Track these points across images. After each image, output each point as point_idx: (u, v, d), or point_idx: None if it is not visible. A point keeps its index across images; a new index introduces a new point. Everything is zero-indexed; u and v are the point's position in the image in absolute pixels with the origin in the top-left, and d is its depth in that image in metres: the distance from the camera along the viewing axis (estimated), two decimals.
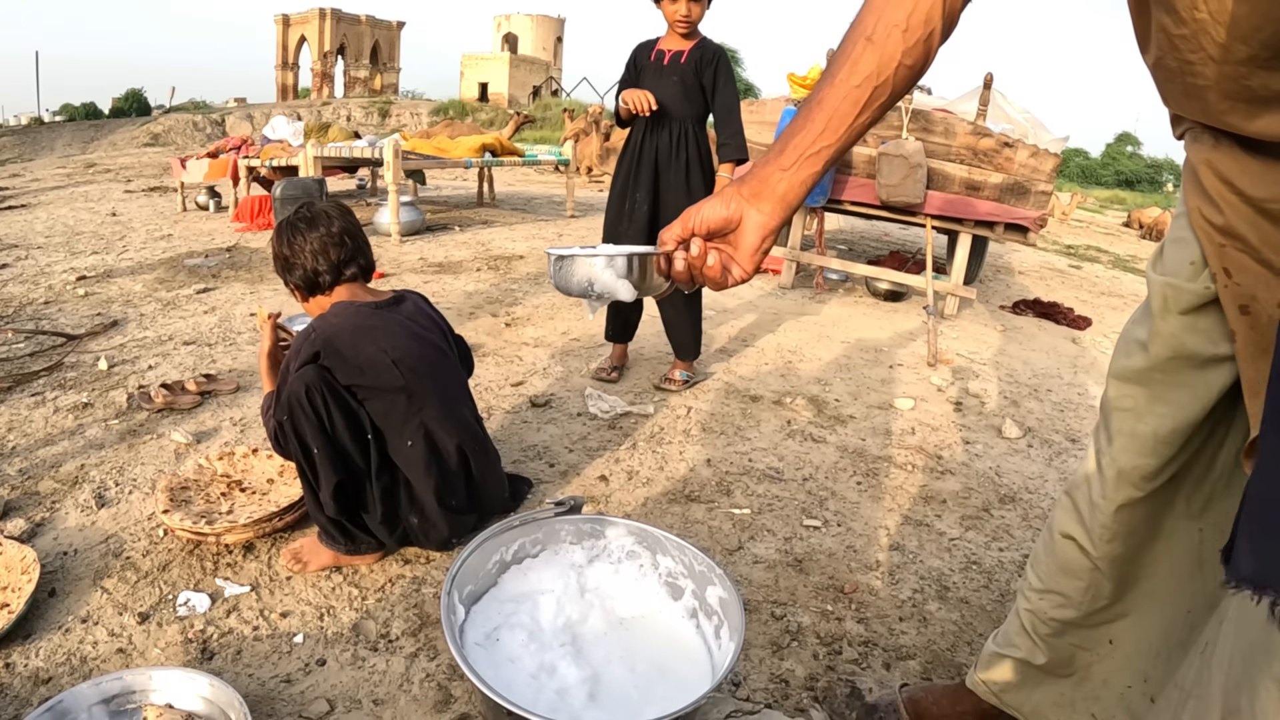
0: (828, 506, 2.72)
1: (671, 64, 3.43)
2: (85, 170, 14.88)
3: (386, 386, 2.07)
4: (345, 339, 2.05)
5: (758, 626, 2.05)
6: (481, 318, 4.74)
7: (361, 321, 2.10)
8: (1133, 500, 1.25)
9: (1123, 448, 1.25)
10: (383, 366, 2.05)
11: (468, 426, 2.26)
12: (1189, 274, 1.12)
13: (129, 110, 39.92)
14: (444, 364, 2.26)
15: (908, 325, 5.31)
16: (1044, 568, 1.43)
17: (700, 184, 3.48)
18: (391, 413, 2.10)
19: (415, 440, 2.12)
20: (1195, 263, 1.11)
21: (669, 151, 3.46)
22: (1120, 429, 1.26)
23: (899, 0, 0.94)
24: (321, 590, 2.12)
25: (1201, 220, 1.07)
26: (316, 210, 2.22)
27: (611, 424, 3.29)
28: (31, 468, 2.70)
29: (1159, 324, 1.18)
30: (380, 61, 46.01)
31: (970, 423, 3.63)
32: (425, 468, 2.13)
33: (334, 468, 2.04)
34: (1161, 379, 1.19)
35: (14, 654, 1.83)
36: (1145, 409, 1.22)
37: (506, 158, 8.38)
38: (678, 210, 3.31)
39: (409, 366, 2.09)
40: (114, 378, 3.54)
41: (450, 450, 2.18)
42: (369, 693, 1.77)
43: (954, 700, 1.61)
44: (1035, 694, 1.46)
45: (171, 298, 4.97)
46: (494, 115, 31.98)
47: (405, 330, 2.17)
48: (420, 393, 2.11)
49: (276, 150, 8.08)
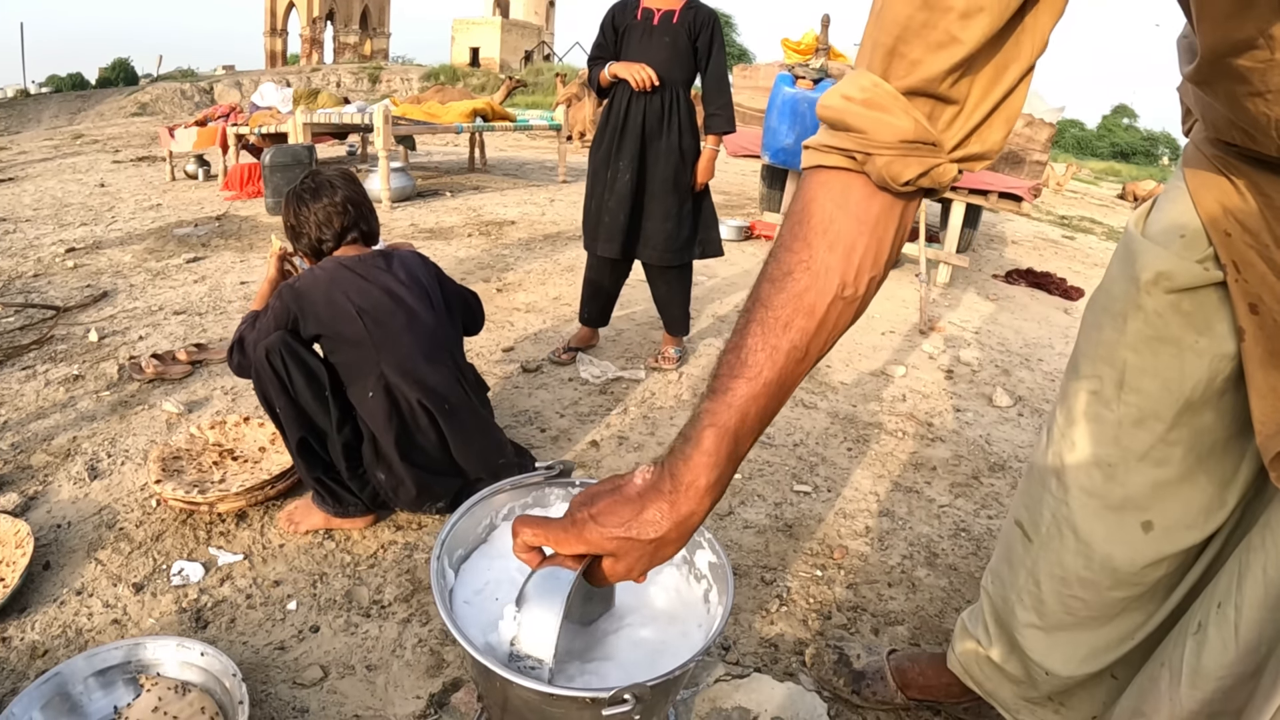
0: (818, 472, 2.73)
1: (662, 24, 3.21)
2: (73, 141, 14.71)
3: (351, 336, 2.13)
4: (319, 290, 2.13)
5: (747, 591, 2.07)
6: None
7: (338, 274, 2.18)
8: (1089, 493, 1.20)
9: (1085, 434, 1.20)
10: (348, 316, 2.13)
11: (430, 386, 2.21)
12: (1181, 248, 1.06)
13: (116, 80, 39.40)
14: (414, 322, 2.24)
15: (900, 293, 5.31)
16: (997, 552, 1.43)
17: (692, 152, 3.29)
18: (355, 363, 2.16)
19: (376, 391, 2.15)
20: (1187, 236, 1.05)
21: (659, 119, 3.23)
22: (1084, 413, 1.20)
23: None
24: (314, 557, 2.13)
25: (1211, 204, 1.02)
26: (321, 180, 2.30)
27: (603, 389, 3.30)
28: (23, 441, 2.70)
29: (1144, 298, 1.10)
30: (370, 27, 45.42)
31: (961, 390, 3.64)
32: (386, 420, 2.16)
33: (297, 424, 2.13)
34: (1136, 361, 1.13)
35: (10, 628, 1.84)
36: (1113, 396, 1.16)
37: (498, 123, 8.31)
38: (664, 180, 3.20)
39: (374, 319, 2.14)
40: (104, 349, 3.53)
41: (410, 405, 2.19)
42: (362, 658, 1.79)
43: (939, 671, 1.63)
44: (1002, 688, 1.44)
45: (161, 268, 4.94)
46: (486, 80, 31.66)
47: (380, 285, 2.21)
48: (383, 345, 2.15)
49: (265, 117, 7.99)
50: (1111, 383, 1.15)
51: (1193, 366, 1.07)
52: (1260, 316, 0.97)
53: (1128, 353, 1.12)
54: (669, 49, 3.20)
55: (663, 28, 3.20)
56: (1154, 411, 1.12)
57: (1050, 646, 1.31)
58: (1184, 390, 1.08)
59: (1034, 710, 1.40)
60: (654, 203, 3.27)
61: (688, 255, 3.38)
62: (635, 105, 3.24)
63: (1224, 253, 1.00)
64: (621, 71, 3.16)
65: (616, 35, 3.30)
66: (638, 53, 3.21)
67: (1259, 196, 0.96)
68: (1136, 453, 1.14)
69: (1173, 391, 1.09)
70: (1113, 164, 34.32)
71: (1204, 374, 1.07)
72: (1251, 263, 0.97)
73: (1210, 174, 1.02)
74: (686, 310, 3.60)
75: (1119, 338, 1.13)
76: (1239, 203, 0.98)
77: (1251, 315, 0.98)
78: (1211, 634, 1.08)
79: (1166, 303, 1.08)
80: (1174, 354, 1.08)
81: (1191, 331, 1.06)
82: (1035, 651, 1.32)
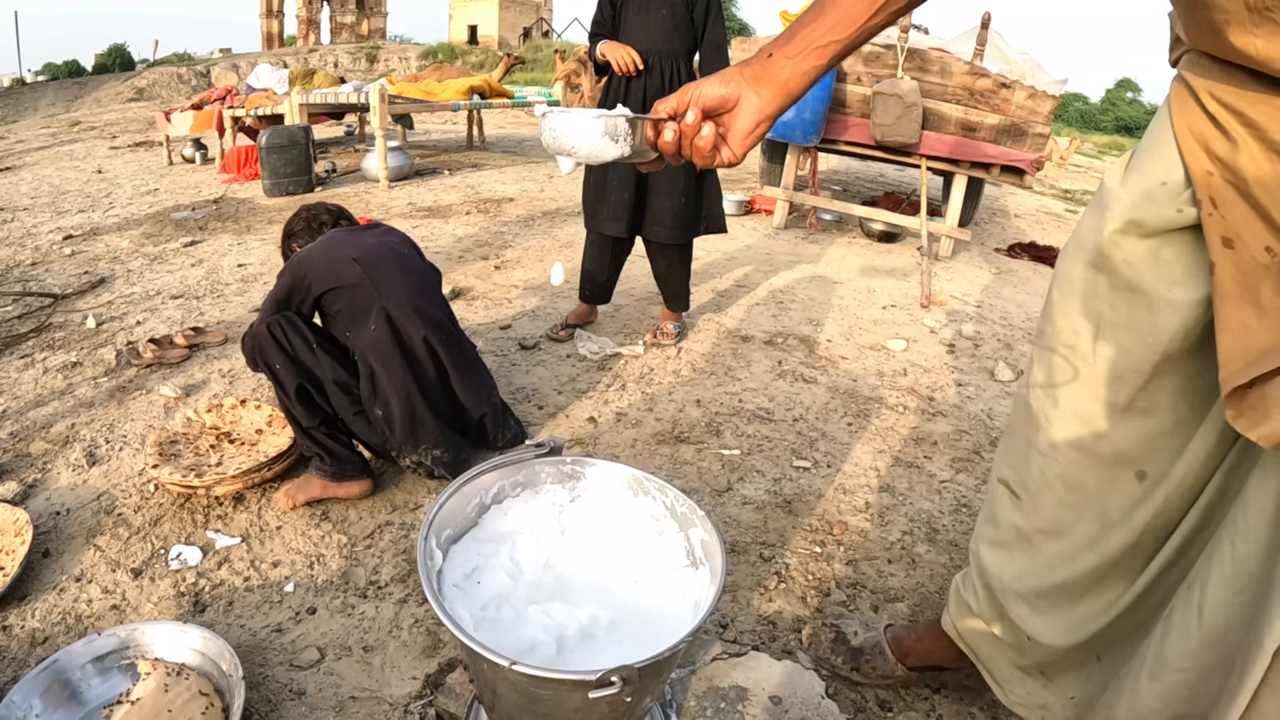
0: (818, 447, 2.72)
1: None
2: (70, 129, 14.64)
3: (350, 280, 2.30)
4: (317, 252, 2.35)
5: (746, 568, 2.07)
6: (471, 261, 4.71)
7: (331, 238, 2.42)
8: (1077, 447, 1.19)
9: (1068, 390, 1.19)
10: (345, 262, 2.31)
11: (435, 320, 2.40)
12: (1163, 196, 1.04)
13: (113, 66, 39.13)
14: (409, 263, 2.47)
15: (902, 266, 5.27)
16: (982, 514, 1.42)
17: None
18: (355, 304, 2.31)
19: (378, 325, 2.28)
20: (1169, 184, 1.03)
21: (660, 93, 3.15)
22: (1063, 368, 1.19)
23: None
24: (311, 539, 2.13)
25: (1194, 143, 1.00)
26: (303, 206, 2.67)
27: (601, 365, 3.29)
28: (22, 429, 2.69)
29: (1113, 249, 1.10)
30: (367, 6, 45.03)
31: (963, 365, 3.62)
32: (388, 350, 2.27)
33: (295, 374, 2.22)
34: (1109, 314, 1.12)
35: (10, 616, 1.85)
36: (1089, 350, 1.15)
37: (496, 100, 8.25)
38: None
39: (369, 263, 2.32)
40: (102, 335, 3.52)
41: (410, 336, 2.32)
42: (359, 640, 1.79)
43: (937, 636, 1.62)
44: (996, 654, 1.44)
45: (158, 252, 4.92)
46: (484, 58, 31.41)
47: (371, 237, 2.46)
48: (380, 283, 2.31)
49: (261, 99, 7.93)
50: (1087, 336, 1.14)
51: (1166, 318, 1.06)
52: (1235, 251, 0.96)
53: (1101, 305, 1.12)
54: (667, 21, 3.16)
55: (659, 0, 3.15)
56: (1131, 365, 1.11)
57: (1033, 612, 1.30)
58: (1159, 342, 1.07)
59: (1024, 681, 1.40)
60: (659, 179, 3.22)
61: (694, 231, 3.35)
62: (636, 81, 3.20)
63: (1202, 190, 0.98)
64: (609, 54, 3.14)
65: (614, 9, 3.25)
66: (636, 26, 3.17)
67: (1239, 120, 0.94)
68: (1120, 405, 1.13)
69: (1149, 344, 1.08)
70: (1116, 138, 34.02)
71: (1178, 324, 1.05)
72: (1231, 200, 0.96)
73: (1193, 107, 1.00)
74: (687, 286, 3.57)
75: (1091, 289, 1.12)
76: (1220, 137, 0.96)
77: (1225, 249, 0.97)
78: (1176, 617, 1.06)
79: (1141, 250, 1.06)
80: (1145, 305, 1.07)
81: (1165, 282, 1.05)
82: (1020, 616, 1.32)
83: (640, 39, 3.16)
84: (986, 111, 5.27)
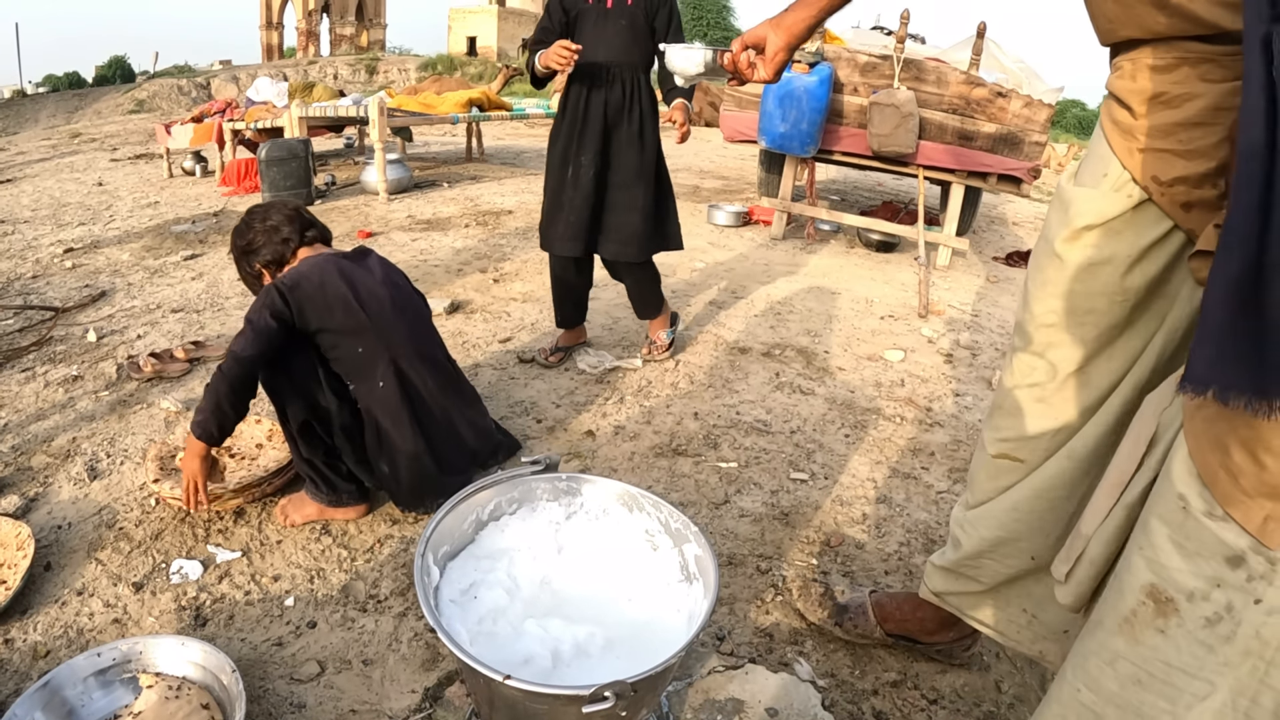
0: (815, 459, 2.74)
1: (617, 7, 3.00)
2: (70, 140, 14.69)
3: (353, 326, 2.12)
4: (313, 280, 2.10)
5: (743, 581, 2.08)
6: (470, 274, 4.73)
7: (327, 267, 2.16)
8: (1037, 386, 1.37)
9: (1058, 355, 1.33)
10: (346, 303, 2.11)
11: (439, 364, 2.34)
12: (1107, 186, 1.20)
13: (113, 77, 39.35)
14: (410, 305, 2.35)
15: (899, 276, 5.29)
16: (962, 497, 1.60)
17: (654, 138, 3.13)
18: (358, 354, 2.14)
19: (386, 380, 2.16)
20: (1110, 176, 1.19)
21: (620, 107, 3.05)
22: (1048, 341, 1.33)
23: None
24: (311, 553, 2.14)
25: (1119, 135, 1.19)
26: (251, 208, 2.38)
27: (599, 378, 3.30)
28: (23, 443, 2.71)
29: (1076, 241, 1.24)
30: (366, 17, 45.27)
31: (960, 374, 3.64)
32: (398, 407, 2.17)
33: (303, 409, 2.13)
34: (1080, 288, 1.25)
35: (12, 629, 1.86)
36: (1068, 322, 1.29)
37: (494, 112, 8.28)
38: (629, 171, 3.09)
39: (374, 307, 2.15)
40: (103, 349, 3.54)
41: (422, 389, 2.23)
42: (358, 653, 1.80)
43: (915, 606, 1.78)
44: (964, 598, 1.60)
45: (159, 265, 4.94)
46: (483, 69, 31.55)
47: (370, 275, 2.25)
48: (385, 330, 2.17)
49: (261, 112, 7.97)
50: (1065, 313, 1.29)
51: (1134, 277, 1.21)
52: (1194, 212, 1.12)
53: (1070, 284, 1.27)
54: (627, 32, 3.02)
55: (618, 10, 3.01)
56: (1109, 323, 1.26)
57: (966, 522, 1.52)
58: (1129, 296, 1.22)
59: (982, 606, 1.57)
60: (618, 194, 3.12)
61: (652, 249, 3.23)
62: (595, 95, 3.05)
63: (1141, 173, 1.15)
64: (548, 62, 2.89)
65: (566, 18, 3.06)
66: (593, 37, 2.99)
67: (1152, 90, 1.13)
68: (1106, 353, 1.29)
69: (1117, 303, 1.23)
70: None
71: (1140, 278, 1.21)
72: (1171, 165, 1.12)
73: (1114, 104, 1.20)
74: (658, 293, 3.43)
75: (1060, 274, 1.28)
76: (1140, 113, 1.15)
77: (1186, 214, 1.13)
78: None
79: (1099, 234, 1.22)
80: (1112, 271, 1.22)
81: (1125, 244, 1.20)
82: (957, 524, 1.55)
83: (599, 50, 2.99)
84: (983, 120, 5.30)
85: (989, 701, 1.75)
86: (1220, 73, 1.07)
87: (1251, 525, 0.86)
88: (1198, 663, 0.91)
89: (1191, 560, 0.91)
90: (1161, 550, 0.94)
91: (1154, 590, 0.94)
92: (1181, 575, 0.92)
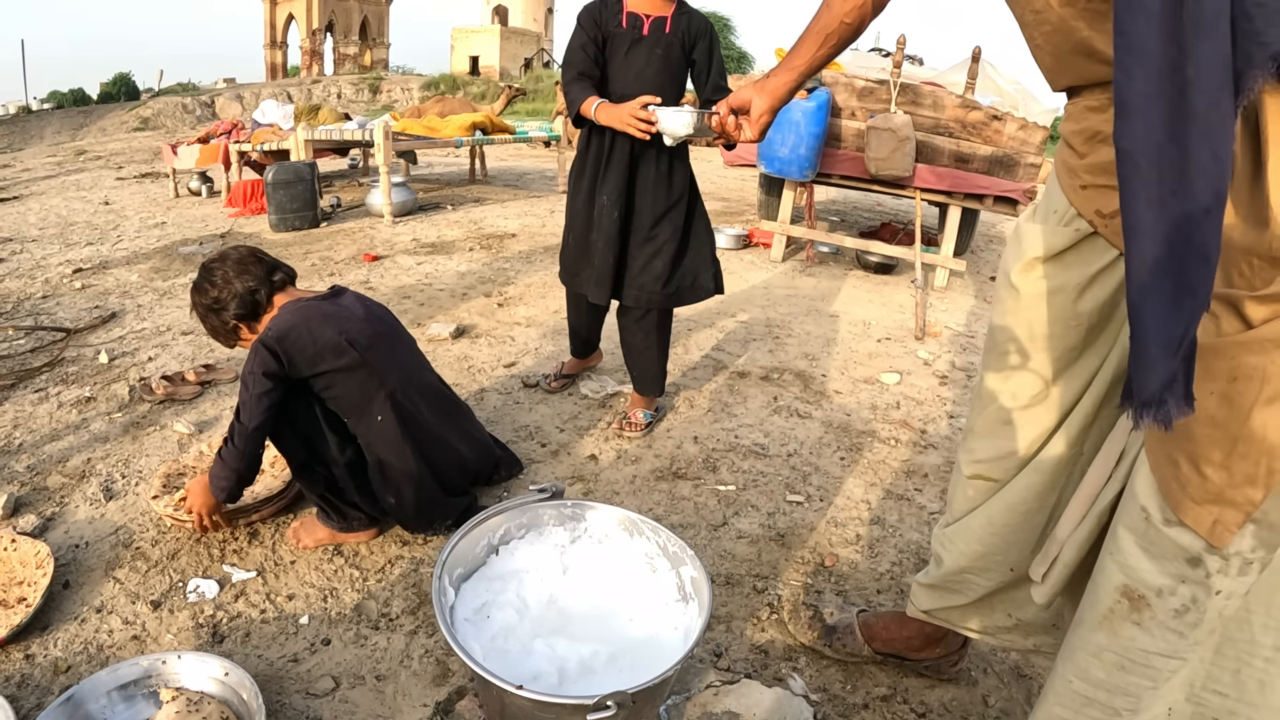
0: (811, 481, 2.81)
1: (653, 33, 2.76)
2: (76, 158, 14.84)
3: (346, 366, 2.15)
4: (299, 328, 2.11)
5: (739, 599, 2.15)
6: (475, 298, 4.81)
7: (310, 313, 2.17)
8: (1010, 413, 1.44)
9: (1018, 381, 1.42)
10: (336, 346, 2.13)
11: (434, 389, 2.41)
12: (1056, 221, 1.31)
13: (117, 95, 39.56)
14: (396, 336, 2.39)
15: (897, 297, 5.38)
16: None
17: (683, 178, 2.90)
18: (356, 393, 2.18)
19: (384, 413, 2.19)
20: (1059, 211, 1.30)
21: (647, 144, 2.75)
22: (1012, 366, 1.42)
23: None
24: (324, 573, 2.21)
25: (1067, 174, 1.29)
26: (208, 261, 2.31)
27: (602, 403, 3.38)
28: (39, 463, 2.78)
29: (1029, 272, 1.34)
30: (370, 37, 45.58)
31: (955, 396, 3.71)
32: (398, 439, 2.21)
33: (299, 451, 2.20)
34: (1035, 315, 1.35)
35: (33, 645, 1.93)
36: (1030, 349, 1.38)
37: (497, 135, 8.40)
38: (656, 213, 2.90)
39: (364, 344, 2.18)
40: (115, 370, 3.62)
41: (421, 417, 2.28)
42: (372, 669, 1.87)
43: (901, 625, 1.86)
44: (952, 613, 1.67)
45: (168, 287, 5.03)
46: (485, 88, 31.74)
47: (352, 314, 2.26)
48: (378, 364, 2.20)
49: (267, 134, 8.08)
50: (1024, 340, 1.38)
51: (1085, 302, 1.29)
52: None
53: (1026, 313, 1.37)
54: (661, 62, 2.78)
55: (654, 38, 2.76)
56: (1066, 347, 1.34)
57: (945, 539, 1.59)
58: (1082, 320, 1.31)
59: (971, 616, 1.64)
60: (641, 238, 2.89)
61: (677, 298, 2.97)
62: (621, 139, 2.78)
63: (1085, 208, 1.25)
64: (618, 125, 2.63)
65: (601, 39, 2.79)
66: (625, 66, 2.77)
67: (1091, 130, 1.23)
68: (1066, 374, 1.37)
69: (1071, 328, 1.32)
70: None
71: (1090, 303, 1.29)
72: (1112, 199, 1.19)
73: (1063, 146, 1.31)
74: (663, 365, 3.14)
75: (1017, 305, 1.38)
76: (1083, 153, 1.25)
77: None
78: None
79: (1052, 265, 1.32)
80: (1064, 299, 1.31)
81: (1075, 273, 1.29)
82: (938, 542, 1.62)
83: (628, 81, 2.77)
84: (979, 143, 5.39)
85: (976, 715, 1.82)
86: None
87: (1202, 529, 0.97)
88: (1171, 647, 1.04)
89: (1157, 562, 1.02)
90: (1130, 555, 1.05)
91: (1127, 589, 1.06)
92: (1150, 575, 1.03)
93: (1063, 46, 1.20)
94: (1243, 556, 0.96)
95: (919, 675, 1.90)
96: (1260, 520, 0.94)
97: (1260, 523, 0.94)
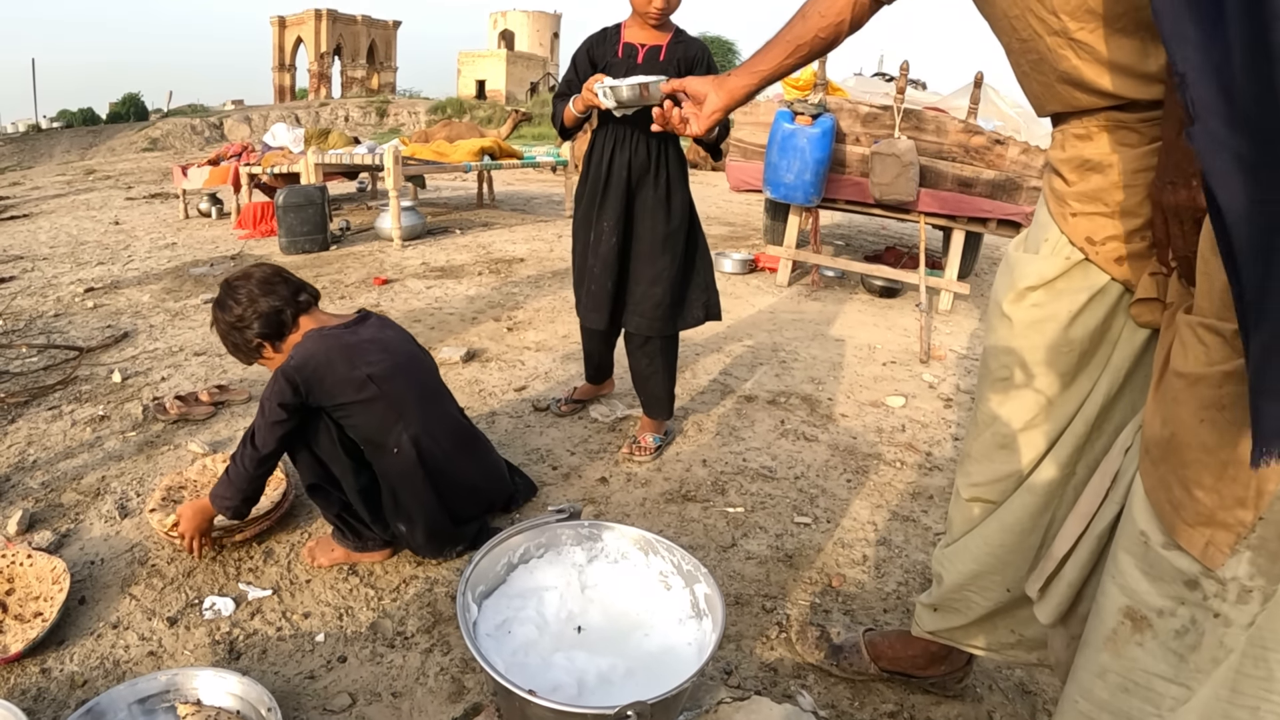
0: (818, 504, 2.84)
1: (648, 61, 2.81)
2: (85, 177, 14.98)
3: (364, 399, 2.16)
4: (319, 362, 2.13)
5: (749, 619, 2.17)
6: (484, 322, 4.85)
7: (331, 343, 2.18)
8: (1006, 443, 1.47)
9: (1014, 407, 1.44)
10: (357, 382, 2.15)
11: (452, 420, 2.42)
12: (1046, 249, 1.34)
13: (126, 115, 39.95)
14: (417, 366, 2.39)
15: (902, 321, 5.41)
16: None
17: (682, 204, 2.92)
18: (374, 425, 2.20)
19: (400, 446, 2.21)
20: (1050, 240, 1.34)
21: (645, 168, 2.84)
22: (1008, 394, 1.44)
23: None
24: (340, 592, 2.24)
25: (1056, 202, 1.32)
26: (231, 278, 2.32)
27: (612, 427, 3.41)
28: (53, 480, 2.81)
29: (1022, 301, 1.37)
30: (377, 61, 46.04)
31: (960, 419, 3.74)
32: (413, 471, 2.23)
33: (312, 472, 2.25)
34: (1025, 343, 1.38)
35: (50, 660, 1.95)
36: (1024, 378, 1.41)
37: (505, 160, 8.48)
38: (654, 239, 2.92)
39: (382, 378, 2.19)
40: (128, 390, 3.66)
41: (437, 450, 2.28)
42: (388, 686, 1.89)
43: (906, 644, 1.88)
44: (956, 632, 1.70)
45: (179, 308, 5.08)
46: (492, 112, 32.02)
47: (375, 344, 2.27)
48: (396, 398, 2.21)
49: (277, 157, 8.17)
50: (1017, 367, 1.41)
51: (1076, 329, 1.32)
52: (1127, 264, 1.26)
53: (1019, 341, 1.40)
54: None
55: (648, 65, 2.81)
56: (1058, 373, 1.37)
57: (945, 559, 1.63)
58: (1074, 347, 1.34)
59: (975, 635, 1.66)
60: (640, 264, 2.92)
61: (677, 324, 3.01)
62: (619, 155, 2.85)
63: (1076, 236, 1.29)
64: (577, 109, 2.73)
65: (593, 71, 2.83)
66: None
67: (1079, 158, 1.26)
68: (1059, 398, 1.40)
69: (1064, 354, 1.35)
70: None
71: (1082, 329, 1.32)
72: (1102, 226, 1.26)
73: (1051, 174, 1.34)
74: (670, 389, 3.19)
75: (1010, 333, 1.41)
76: (1072, 180, 1.28)
77: (1120, 267, 1.27)
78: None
79: (1043, 293, 1.35)
80: (1056, 326, 1.34)
81: (1066, 301, 1.32)
82: (937, 562, 1.65)
83: None
84: (982, 167, 5.45)
85: (954, 690, 1.88)
86: (1136, 138, 1.21)
87: (1195, 550, 1.00)
88: (1172, 669, 1.05)
89: (1156, 584, 1.05)
90: (1130, 577, 1.08)
91: (1130, 610, 1.08)
92: (1150, 596, 1.06)
93: (1050, 75, 1.24)
94: (1240, 583, 0.98)
95: (925, 692, 1.92)
96: (1258, 548, 0.96)
97: (1258, 550, 0.96)
